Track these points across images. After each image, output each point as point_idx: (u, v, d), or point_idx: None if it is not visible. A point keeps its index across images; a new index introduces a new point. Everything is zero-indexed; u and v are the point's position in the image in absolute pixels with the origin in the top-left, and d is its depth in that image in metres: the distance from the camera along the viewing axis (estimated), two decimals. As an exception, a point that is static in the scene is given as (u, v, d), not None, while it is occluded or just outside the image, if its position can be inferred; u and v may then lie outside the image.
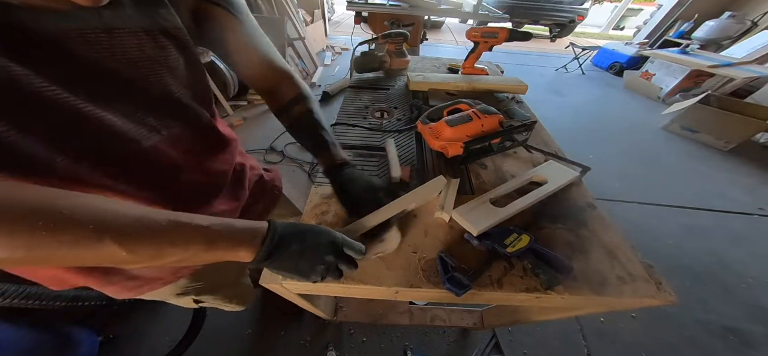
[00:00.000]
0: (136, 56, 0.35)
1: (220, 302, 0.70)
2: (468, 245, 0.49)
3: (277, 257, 0.34)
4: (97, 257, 0.26)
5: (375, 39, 1.16)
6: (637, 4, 10.96)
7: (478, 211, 0.52)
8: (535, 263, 0.44)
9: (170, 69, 0.39)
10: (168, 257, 0.29)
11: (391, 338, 1.14)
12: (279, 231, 0.35)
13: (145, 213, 0.28)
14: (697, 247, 1.61)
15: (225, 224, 0.33)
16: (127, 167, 0.37)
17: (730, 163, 2.37)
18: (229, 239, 0.32)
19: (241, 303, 0.75)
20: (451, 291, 0.41)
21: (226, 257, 0.33)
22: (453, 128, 0.66)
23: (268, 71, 0.52)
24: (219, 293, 0.68)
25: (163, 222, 0.29)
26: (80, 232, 0.24)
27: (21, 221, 0.22)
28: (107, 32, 0.31)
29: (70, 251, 0.24)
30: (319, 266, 0.35)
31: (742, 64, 3.08)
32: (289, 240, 0.35)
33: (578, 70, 4.50)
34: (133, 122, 0.36)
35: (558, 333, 1.18)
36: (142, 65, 0.36)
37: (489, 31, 0.99)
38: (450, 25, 7.52)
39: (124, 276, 0.46)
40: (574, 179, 0.62)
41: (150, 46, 0.36)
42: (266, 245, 0.33)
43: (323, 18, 4.57)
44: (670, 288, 0.44)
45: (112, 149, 0.34)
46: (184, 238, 0.30)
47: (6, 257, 0.22)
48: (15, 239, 0.22)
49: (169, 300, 0.60)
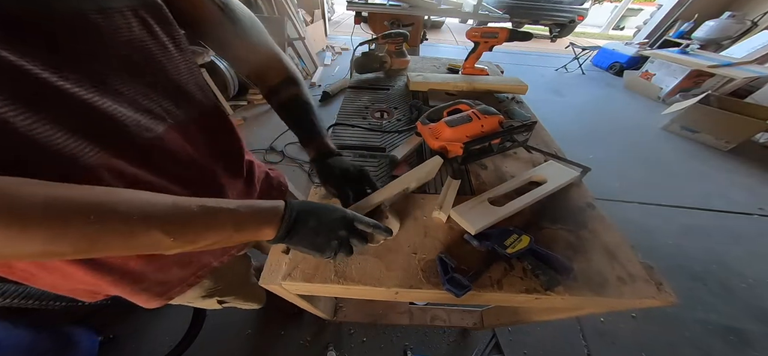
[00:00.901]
0: (127, 37, 0.34)
1: (241, 301, 0.72)
2: (468, 246, 0.49)
3: (296, 234, 0.36)
4: (145, 245, 0.29)
5: (375, 39, 1.16)
6: (637, 4, 10.95)
7: (476, 210, 0.52)
8: (535, 264, 0.44)
9: (161, 49, 0.38)
10: (204, 240, 0.31)
11: (391, 338, 1.14)
12: (296, 208, 0.37)
13: (178, 201, 0.30)
14: (697, 247, 1.61)
15: (248, 205, 0.35)
16: (147, 157, 0.38)
17: (730, 163, 2.37)
18: (255, 219, 0.34)
19: (258, 301, 0.78)
20: (450, 292, 0.41)
21: (252, 237, 0.35)
22: (453, 129, 0.66)
23: (257, 53, 0.52)
24: (239, 292, 0.70)
25: (195, 208, 0.30)
26: (132, 224, 0.27)
27: (76, 214, 0.24)
28: (101, 13, 0.31)
29: (125, 241, 0.27)
30: (333, 241, 0.37)
31: (742, 64, 3.08)
32: (306, 217, 0.37)
33: (578, 70, 4.50)
34: (139, 110, 0.36)
35: (558, 333, 1.18)
36: (135, 47, 0.35)
37: (489, 31, 0.99)
38: (450, 25, 7.52)
39: (151, 281, 0.47)
40: (574, 180, 0.62)
41: (137, 25, 0.35)
42: (285, 221, 0.35)
43: (323, 18, 4.57)
44: (670, 288, 0.44)
45: (125, 139, 0.35)
46: (217, 221, 0.32)
47: (65, 250, 0.24)
48: (70, 232, 0.24)
49: (195, 303, 0.61)
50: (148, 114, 0.37)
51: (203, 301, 0.62)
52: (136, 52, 0.35)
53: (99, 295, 0.46)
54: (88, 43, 0.30)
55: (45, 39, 0.27)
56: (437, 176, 0.63)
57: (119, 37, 0.33)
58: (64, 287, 0.43)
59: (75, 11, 0.29)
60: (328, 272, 0.44)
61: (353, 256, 0.45)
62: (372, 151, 0.71)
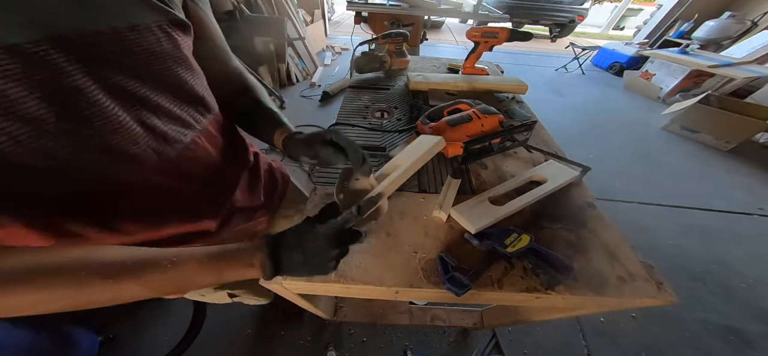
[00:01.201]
0: (158, 50, 0.35)
1: (251, 296, 0.73)
2: (468, 246, 0.49)
3: (287, 269, 0.36)
4: (129, 299, 0.31)
5: (375, 39, 1.16)
6: (637, 4, 10.95)
7: (476, 210, 0.52)
8: (535, 264, 0.44)
9: (185, 61, 0.39)
10: (189, 290, 0.35)
11: (391, 338, 1.14)
12: (274, 245, 0.36)
13: (152, 255, 0.32)
14: (697, 247, 1.61)
15: (223, 254, 0.35)
16: (177, 166, 0.40)
17: (730, 163, 2.37)
18: (233, 268, 0.35)
19: (267, 296, 0.79)
20: (451, 291, 0.41)
21: (237, 278, 0.36)
22: (453, 128, 0.66)
23: (224, 73, 0.51)
24: (250, 286, 0.70)
25: (168, 266, 0.32)
26: (112, 290, 0.30)
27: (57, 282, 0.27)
28: (132, 30, 0.32)
29: (109, 299, 0.30)
30: (329, 263, 0.37)
31: (742, 64, 3.08)
32: (289, 252, 0.36)
33: (578, 70, 4.50)
34: (170, 121, 0.38)
35: (558, 333, 1.18)
36: (164, 60, 0.36)
37: (489, 31, 0.99)
38: (450, 25, 7.52)
39: None
40: (574, 179, 0.62)
41: (165, 39, 0.36)
42: (269, 267, 0.35)
43: (323, 18, 4.57)
44: (670, 287, 0.44)
45: (165, 151, 0.37)
46: (193, 279, 0.34)
47: (50, 309, 0.28)
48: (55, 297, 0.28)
49: (207, 295, 0.63)
50: (179, 122, 0.39)
51: (214, 294, 0.62)
52: (163, 64, 0.36)
53: None
54: (124, 60, 0.32)
55: (87, 59, 0.28)
56: (437, 176, 0.64)
57: (150, 51, 0.34)
58: None
59: (111, 29, 0.30)
60: (328, 271, 0.44)
61: (353, 256, 0.45)
62: (372, 150, 0.71)
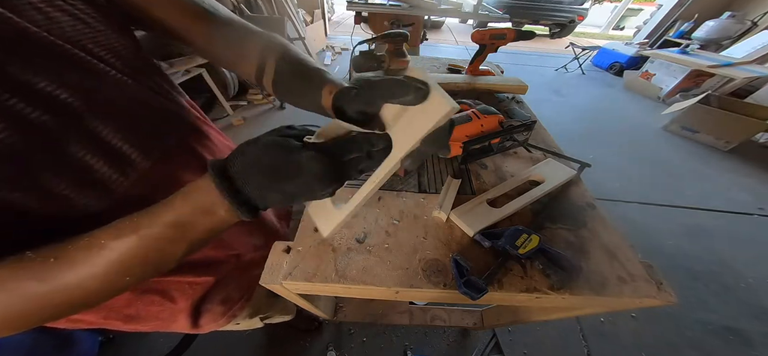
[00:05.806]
0: (133, 95, 0.37)
1: (279, 314, 0.72)
2: (477, 247, 0.48)
3: (254, 193, 0.25)
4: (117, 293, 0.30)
5: (375, 39, 1.16)
6: (637, 4, 10.96)
7: (474, 212, 0.52)
8: (545, 264, 0.44)
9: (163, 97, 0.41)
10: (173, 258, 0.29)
11: (391, 338, 1.14)
12: (221, 169, 0.25)
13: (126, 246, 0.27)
14: (697, 247, 1.61)
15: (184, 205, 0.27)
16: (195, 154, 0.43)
17: (730, 163, 2.37)
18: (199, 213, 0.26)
19: (290, 311, 0.80)
20: (467, 295, 0.40)
21: (211, 226, 0.27)
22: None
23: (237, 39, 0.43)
24: (277, 306, 0.70)
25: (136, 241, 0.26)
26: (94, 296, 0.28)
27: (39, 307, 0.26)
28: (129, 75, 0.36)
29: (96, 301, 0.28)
30: (310, 163, 0.24)
31: (742, 64, 3.08)
32: (244, 166, 0.25)
33: (578, 70, 4.50)
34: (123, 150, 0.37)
35: (558, 333, 1.18)
36: (139, 102, 0.37)
37: (497, 33, 0.96)
38: (450, 25, 7.52)
39: (216, 300, 0.51)
40: (572, 177, 0.62)
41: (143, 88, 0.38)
42: (226, 193, 0.25)
43: (323, 18, 4.57)
44: (670, 288, 0.44)
45: None
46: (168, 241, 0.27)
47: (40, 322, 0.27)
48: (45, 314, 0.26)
49: (243, 324, 0.62)
50: None
51: (249, 321, 0.61)
52: (140, 106, 0.37)
53: None
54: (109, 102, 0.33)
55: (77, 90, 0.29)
56: (438, 176, 0.63)
57: (129, 97, 0.35)
58: None
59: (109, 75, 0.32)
60: (328, 271, 0.44)
61: (353, 256, 0.45)
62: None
